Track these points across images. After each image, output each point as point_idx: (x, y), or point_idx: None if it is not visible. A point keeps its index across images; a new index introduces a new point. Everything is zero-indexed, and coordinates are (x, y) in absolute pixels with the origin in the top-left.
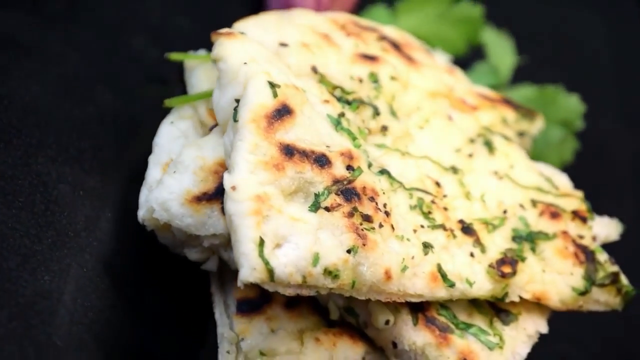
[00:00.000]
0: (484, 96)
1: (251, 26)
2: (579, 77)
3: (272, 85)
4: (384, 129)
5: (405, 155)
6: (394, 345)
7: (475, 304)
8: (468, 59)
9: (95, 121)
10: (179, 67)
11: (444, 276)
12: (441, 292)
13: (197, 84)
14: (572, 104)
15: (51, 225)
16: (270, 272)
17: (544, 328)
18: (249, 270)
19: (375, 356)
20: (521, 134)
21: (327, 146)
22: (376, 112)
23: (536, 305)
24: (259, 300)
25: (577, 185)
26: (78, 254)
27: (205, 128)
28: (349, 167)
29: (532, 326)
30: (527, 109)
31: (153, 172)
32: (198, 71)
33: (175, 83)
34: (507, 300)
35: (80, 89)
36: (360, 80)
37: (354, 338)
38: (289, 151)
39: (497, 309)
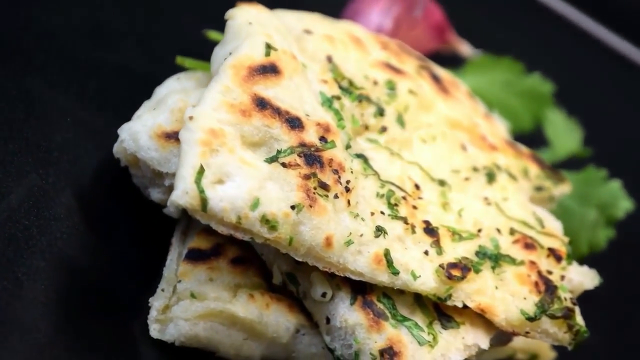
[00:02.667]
0: (511, 145)
1: (286, 13)
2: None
3: (269, 47)
4: (383, 129)
5: (394, 155)
6: (327, 320)
7: (420, 304)
8: (535, 140)
9: (110, 68)
10: None
11: (389, 262)
12: (382, 277)
13: None
14: (611, 190)
15: (23, 134)
16: (204, 201)
17: (484, 344)
18: (181, 193)
19: (310, 332)
20: (539, 189)
21: (306, 114)
22: (380, 113)
23: (483, 321)
24: (209, 253)
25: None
26: (42, 167)
27: None
28: (322, 139)
29: (473, 338)
30: (556, 172)
31: (139, 112)
32: None
33: None
34: (450, 303)
35: (106, 36)
36: (375, 83)
37: (292, 308)
38: (261, 103)
39: (441, 314)
